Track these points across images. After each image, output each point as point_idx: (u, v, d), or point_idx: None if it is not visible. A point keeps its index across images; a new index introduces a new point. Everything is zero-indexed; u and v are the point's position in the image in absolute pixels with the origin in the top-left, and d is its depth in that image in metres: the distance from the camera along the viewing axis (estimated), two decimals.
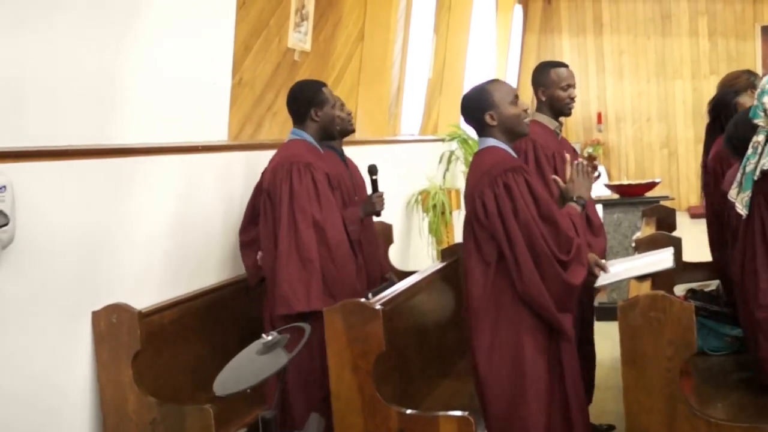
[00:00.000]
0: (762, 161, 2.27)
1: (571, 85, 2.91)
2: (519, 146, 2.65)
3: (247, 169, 3.38)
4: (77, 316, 2.47)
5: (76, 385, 2.47)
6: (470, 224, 2.32)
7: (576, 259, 2.24)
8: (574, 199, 2.46)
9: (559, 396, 2.31)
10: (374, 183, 3.15)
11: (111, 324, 2.48)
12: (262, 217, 2.85)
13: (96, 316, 2.50)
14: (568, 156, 2.60)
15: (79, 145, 2.49)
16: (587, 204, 2.53)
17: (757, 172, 2.28)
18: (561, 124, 3.01)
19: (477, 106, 2.35)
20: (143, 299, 2.66)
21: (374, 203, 3.07)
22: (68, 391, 2.44)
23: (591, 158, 2.57)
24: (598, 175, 2.69)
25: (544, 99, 2.91)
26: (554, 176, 2.55)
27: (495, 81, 2.42)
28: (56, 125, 2.43)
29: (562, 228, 2.23)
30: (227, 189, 3.26)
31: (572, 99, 2.91)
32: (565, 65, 2.96)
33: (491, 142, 2.36)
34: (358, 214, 3.00)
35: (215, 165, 3.21)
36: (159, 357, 2.66)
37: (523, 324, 2.25)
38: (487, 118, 2.33)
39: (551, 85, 2.88)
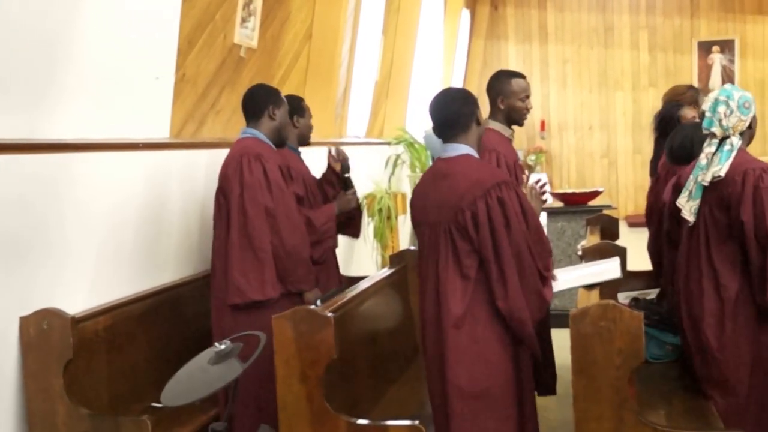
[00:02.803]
0: (710, 171, 2.36)
1: (529, 96, 2.95)
2: (482, 155, 2.62)
3: (189, 168, 3.27)
4: (3, 321, 2.32)
5: (1, 395, 2.30)
6: (448, 235, 2.23)
7: (550, 278, 2.28)
8: None
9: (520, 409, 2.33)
10: (347, 180, 3.21)
11: (41, 330, 2.34)
12: (216, 213, 2.81)
13: (24, 321, 2.36)
14: (524, 176, 2.63)
15: (7, 139, 2.33)
16: None
17: (706, 182, 2.39)
18: (513, 131, 3.03)
19: (471, 102, 2.31)
20: (76, 304, 2.53)
21: (350, 200, 3.15)
22: None
23: (539, 184, 2.60)
24: (545, 201, 2.73)
25: (502, 107, 2.91)
26: None
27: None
28: None
29: (546, 244, 2.26)
30: (167, 188, 3.15)
31: (528, 110, 2.94)
32: (523, 76, 2.99)
33: (464, 149, 2.30)
34: (334, 211, 3.06)
35: (155, 163, 3.09)
36: (92, 365, 2.53)
37: (500, 339, 2.23)
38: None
39: (511, 95, 2.89)
